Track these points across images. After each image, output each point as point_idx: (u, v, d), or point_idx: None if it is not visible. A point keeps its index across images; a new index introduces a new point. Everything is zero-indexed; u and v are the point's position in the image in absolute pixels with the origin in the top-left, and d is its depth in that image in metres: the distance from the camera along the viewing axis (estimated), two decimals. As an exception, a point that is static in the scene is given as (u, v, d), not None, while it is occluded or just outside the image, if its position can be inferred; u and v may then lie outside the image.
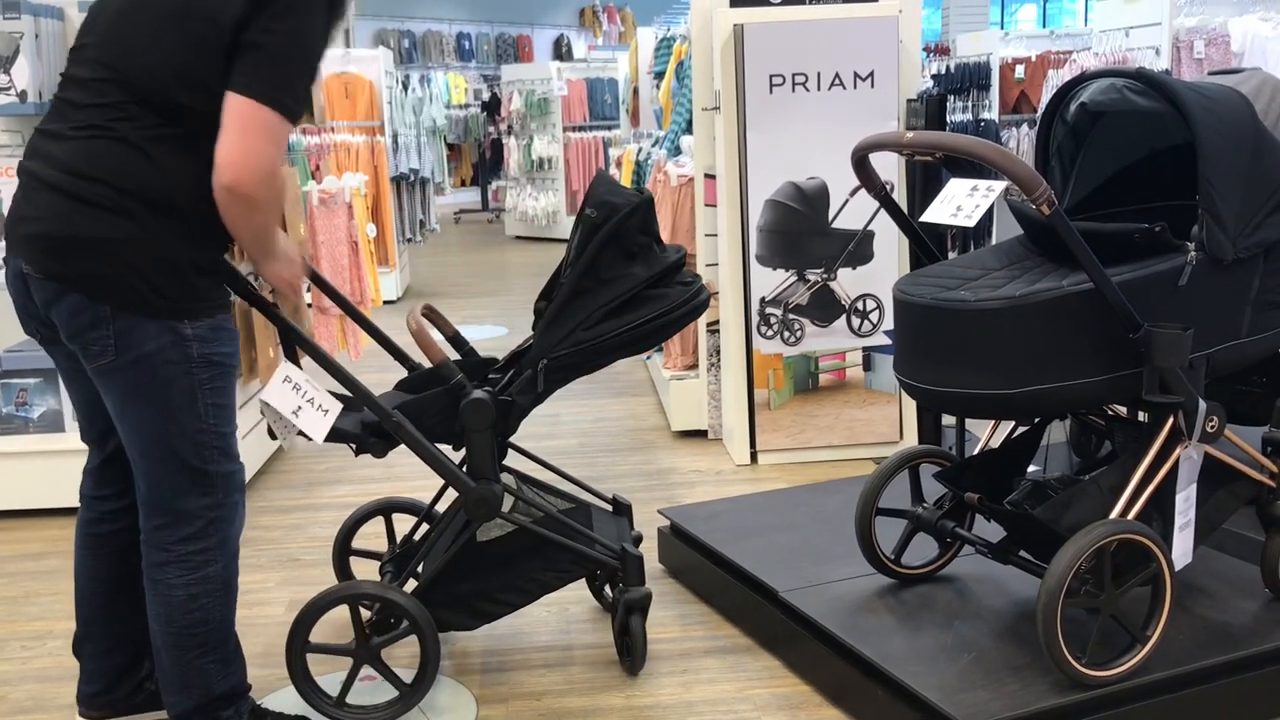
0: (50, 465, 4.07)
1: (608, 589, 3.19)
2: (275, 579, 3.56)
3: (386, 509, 3.23)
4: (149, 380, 2.26)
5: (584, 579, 3.13)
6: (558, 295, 2.66)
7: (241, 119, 2.12)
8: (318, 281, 2.90)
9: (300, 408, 2.55)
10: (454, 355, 2.88)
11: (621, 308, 2.66)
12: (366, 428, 2.69)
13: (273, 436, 2.66)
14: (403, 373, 2.95)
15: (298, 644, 2.63)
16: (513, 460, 2.98)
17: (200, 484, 2.32)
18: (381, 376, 2.79)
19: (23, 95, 3.96)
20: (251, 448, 4.41)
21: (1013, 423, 2.86)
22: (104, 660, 2.60)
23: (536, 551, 2.80)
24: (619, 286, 2.65)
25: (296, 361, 2.65)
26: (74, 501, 2.60)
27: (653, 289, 2.69)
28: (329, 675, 2.72)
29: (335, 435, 2.66)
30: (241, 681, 2.50)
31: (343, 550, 3.22)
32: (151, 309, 2.23)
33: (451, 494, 2.79)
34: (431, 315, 2.90)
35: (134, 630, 2.56)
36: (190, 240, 2.26)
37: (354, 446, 2.69)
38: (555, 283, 2.87)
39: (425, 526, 3.08)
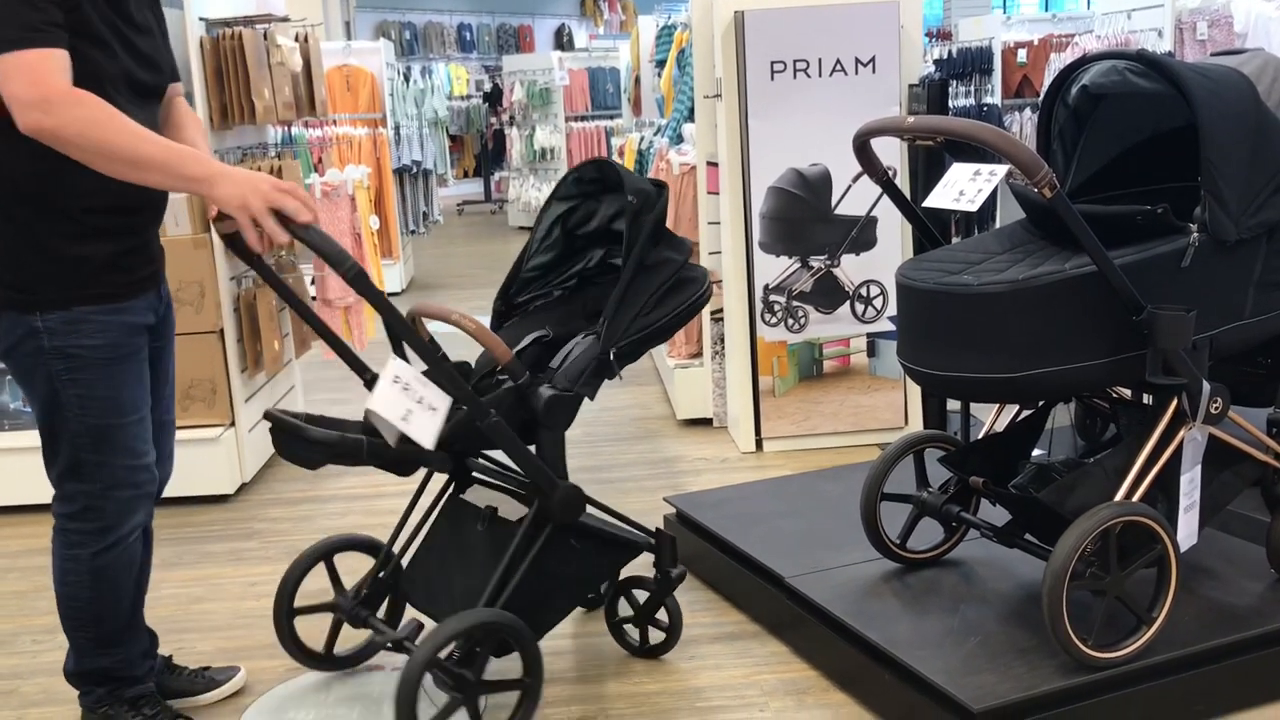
0: (58, 460, 4.08)
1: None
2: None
3: (327, 553, 2.86)
4: (18, 370, 2.36)
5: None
6: (618, 285, 2.58)
7: None
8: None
9: (410, 411, 2.36)
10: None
11: (668, 292, 2.66)
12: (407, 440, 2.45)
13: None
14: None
15: (414, 678, 2.34)
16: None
17: (75, 470, 2.39)
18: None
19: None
20: (256, 441, 4.42)
21: (1017, 406, 2.86)
22: None
23: (595, 545, 2.72)
24: (663, 272, 2.65)
25: (404, 354, 2.50)
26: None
27: (683, 272, 2.69)
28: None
29: (409, 462, 2.49)
30: (121, 667, 2.53)
31: (289, 612, 2.79)
32: (7, 301, 2.31)
33: (417, 511, 2.70)
34: (415, 322, 2.69)
35: (143, 618, 2.62)
36: (22, 227, 2.26)
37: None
38: (514, 279, 2.80)
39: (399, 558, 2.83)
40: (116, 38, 2.27)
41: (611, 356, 2.59)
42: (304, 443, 2.39)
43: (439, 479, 2.78)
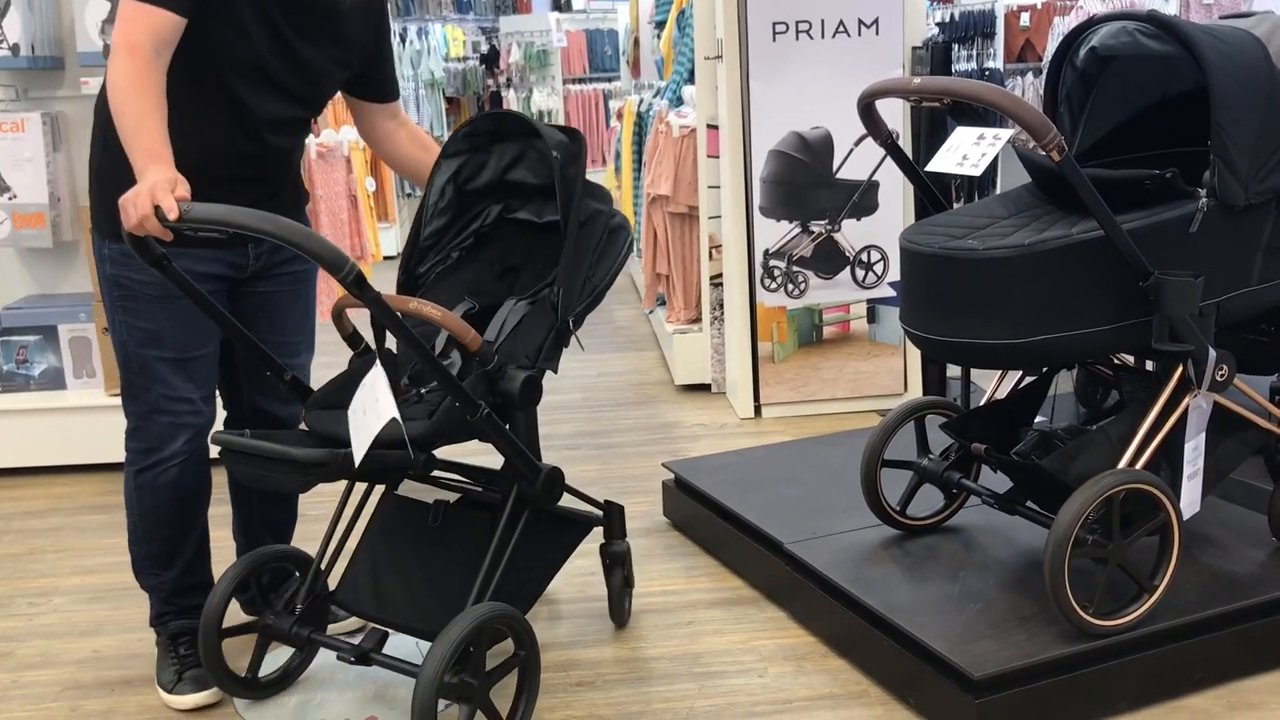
0: (52, 423, 4.06)
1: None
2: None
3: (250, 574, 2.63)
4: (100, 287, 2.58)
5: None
6: (565, 250, 2.44)
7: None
8: None
9: (367, 410, 2.20)
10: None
11: (605, 247, 2.56)
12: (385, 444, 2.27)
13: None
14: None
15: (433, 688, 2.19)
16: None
17: (129, 390, 2.57)
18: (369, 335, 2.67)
19: (15, 49, 3.90)
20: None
21: (1019, 373, 2.84)
22: None
23: (562, 520, 2.69)
24: (596, 226, 2.53)
25: (382, 349, 2.40)
26: (76, 458, 2.61)
27: (610, 221, 2.58)
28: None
29: (398, 469, 2.41)
30: (163, 588, 2.66)
31: (219, 632, 2.51)
32: (93, 224, 2.55)
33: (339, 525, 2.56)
34: (341, 318, 2.53)
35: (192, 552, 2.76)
36: (109, 159, 2.39)
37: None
38: (413, 250, 2.64)
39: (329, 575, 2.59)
40: (264, 30, 2.37)
41: (570, 326, 2.50)
42: (291, 466, 2.19)
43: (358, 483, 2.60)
